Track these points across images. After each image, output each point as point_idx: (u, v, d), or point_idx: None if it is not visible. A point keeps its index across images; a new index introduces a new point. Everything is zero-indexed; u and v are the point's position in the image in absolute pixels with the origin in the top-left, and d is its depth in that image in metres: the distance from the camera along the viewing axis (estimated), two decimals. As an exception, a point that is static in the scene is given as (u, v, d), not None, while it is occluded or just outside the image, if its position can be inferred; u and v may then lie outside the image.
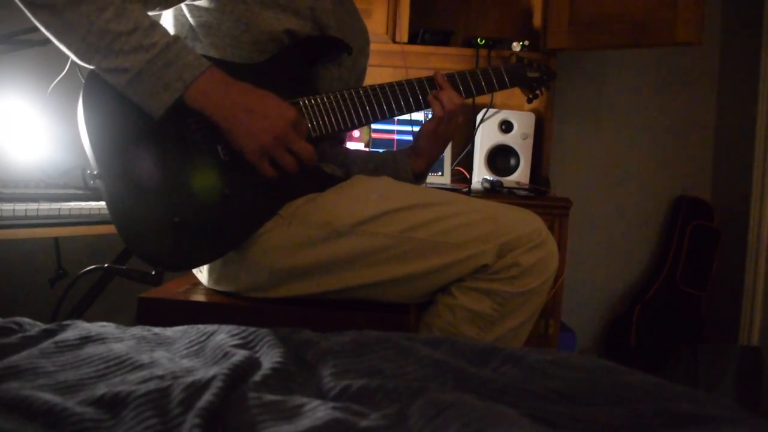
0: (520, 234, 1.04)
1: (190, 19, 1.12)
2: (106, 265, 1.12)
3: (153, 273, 1.00)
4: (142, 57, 0.94)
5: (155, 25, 0.97)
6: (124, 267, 1.08)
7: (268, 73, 1.10)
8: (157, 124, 0.98)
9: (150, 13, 1.09)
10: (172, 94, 0.95)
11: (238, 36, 1.10)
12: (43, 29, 0.95)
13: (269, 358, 0.65)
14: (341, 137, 1.41)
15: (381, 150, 1.54)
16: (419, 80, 1.22)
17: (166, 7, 1.10)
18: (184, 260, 1.03)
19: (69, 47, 0.95)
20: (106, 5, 0.93)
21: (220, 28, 1.10)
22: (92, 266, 1.09)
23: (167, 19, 1.16)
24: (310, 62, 1.15)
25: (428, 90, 1.22)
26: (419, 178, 1.28)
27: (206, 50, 1.11)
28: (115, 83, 0.96)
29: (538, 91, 1.42)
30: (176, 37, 0.97)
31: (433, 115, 1.20)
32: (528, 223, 1.06)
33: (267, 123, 0.99)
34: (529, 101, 1.47)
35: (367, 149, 2.25)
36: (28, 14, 0.94)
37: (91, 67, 0.96)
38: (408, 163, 1.26)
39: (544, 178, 2.33)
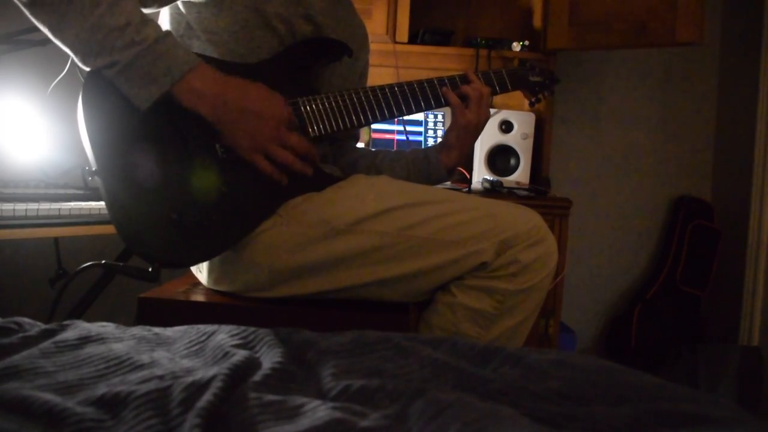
0: (519, 231, 1.04)
1: (187, 15, 1.12)
2: (103, 261, 1.12)
3: (150, 270, 0.99)
4: (131, 52, 0.93)
5: (147, 21, 0.96)
6: (121, 263, 1.07)
7: (267, 74, 1.10)
8: (156, 122, 0.98)
9: (146, 11, 1.09)
10: (160, 88, 0.95)
11: (237, 31, 1.10)
12: (40, 27, 0.95)
13: (269, 358, 0.65)
14: (355, 135, 1.41)
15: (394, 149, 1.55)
16: (419, 82, 1.23)
17: (163, 5, 1.09)
18: (182, 257, 1.03)
19: (65, 44, 0.95)
20: (99, 0, 0.92)
21: (217, 23, 1.10)
22: (89, 263, 1.08)
23: (163, 17, 1.16)
24: (309, 63, 1.15)
25: (428, 91, 1.23)
26: (450, 172, 1.30)
27: (204, 47, 1.11)
28: (106, 74, 0.95)
29: (540, 96, 1.42)
30: (167, 33, 0.97)
31: (462, 105, 1.24)
32: (527, 219, 1.06)
33: (260, 122, 1.00)
34: (531, 105, 1.47)
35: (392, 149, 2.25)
36: (26, 12, 0.94)
37: (83, 66, 0.96)
38: (440, 159, 1.27)
39: (544, 178, 2.33)
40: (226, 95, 0.99)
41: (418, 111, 1.23)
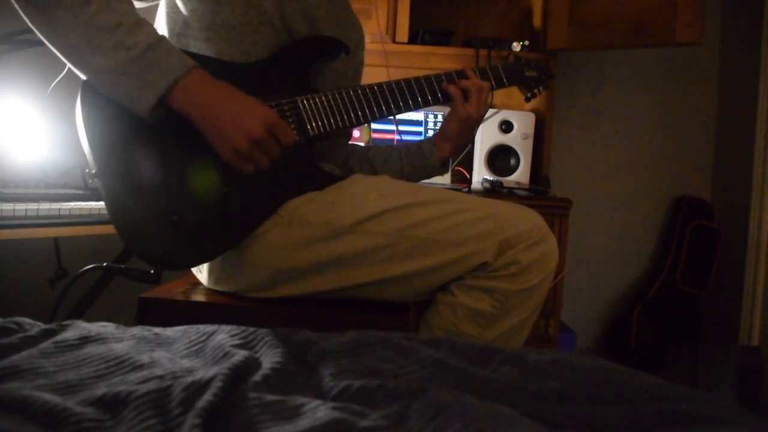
0: (519, 231, 1.04)
1: (184, 12, 1.11)
2: (104, 263, 1.12)
3: (151, 272, 0.99)
4: (122, 56, 0.92)
5: (141, 22, 0.95)
6: (123, 266, 1.07)
7: (266, 73, 1.10)
8: (155, 122, 0.97)
9: (145, 5, 1.08)
10: (156, 92, 0.93)
11: (235, 27, 1.09)
12: (34, 29, 0.94)
13: (269, 358, 0.65)
14: (348, 133, 1.41)
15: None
16: (417, 79, 1.23)
17: None
18: (183, 259, 1.03)
19: (55, 46, 0.94)
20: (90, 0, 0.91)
21: (214, 20, 1.09)
22: (91, 265, 1.08)
23: (160, 16, 1.15)
24: (308, 62, 1.15)
25: (425, 88, 1.23)
26: (444, 164, 1.30)
27: (201, 46, 1.10)
28: (102, 89, 0.95)
29: (536, 90, 1.43)
30: (161, 38, 0.96)
31: (463, 98, 1.24)
32: (527, 220, 1.06)
33: (242, 123, 0.97)
34: (527, 100, 1.48)
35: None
36: (21, 13, 0.94)
37: (77, 70, 0.95)
38: (434, 151, 1.28)
39: (544, 178, 2.33)
40: (214, 97, 0.97)
41: (416, 108, 1.23)
